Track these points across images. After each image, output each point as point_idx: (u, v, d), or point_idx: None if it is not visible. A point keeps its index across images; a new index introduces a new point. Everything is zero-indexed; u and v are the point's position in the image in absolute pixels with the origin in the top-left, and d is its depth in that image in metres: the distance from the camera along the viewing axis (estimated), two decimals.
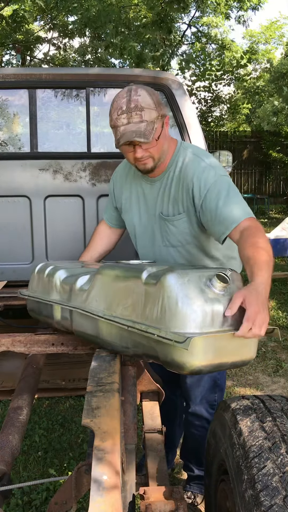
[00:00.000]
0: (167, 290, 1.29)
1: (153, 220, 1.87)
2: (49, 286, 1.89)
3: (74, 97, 2.76)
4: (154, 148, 1.69)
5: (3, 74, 2.60)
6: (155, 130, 1.64)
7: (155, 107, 1.64)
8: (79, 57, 12.95)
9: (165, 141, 1.73)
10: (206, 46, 13.51)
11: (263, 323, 1.27)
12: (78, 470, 1.23)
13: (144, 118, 1.62)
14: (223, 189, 1.65)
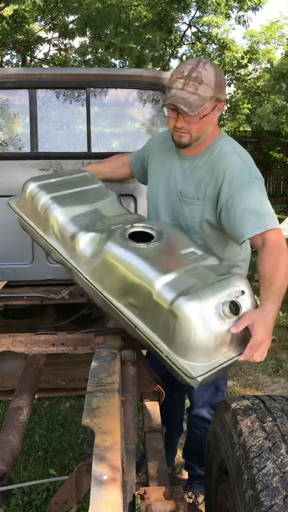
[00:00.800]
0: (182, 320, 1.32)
1: (169, 197, 1.83)
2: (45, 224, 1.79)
3: (74, 97, 2.76)
4: (195, 125, 1.64)
5: (4, 74, 2.60)
6: (203, 108, 1.59)
7: (213, 87, 1.59)
8: (79, 57, 12.94)
9: (209, 125, 1.68)
10: (206, 46, 13.50)
11: (264, 352, 1.33)
12: (78, 470, 1.23)
13: (198, 91, 1.57)
14: (255, 192, 1.62)
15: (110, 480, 0.94)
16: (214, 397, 2.01)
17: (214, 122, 1.71)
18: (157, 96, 2.71)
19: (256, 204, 1.60)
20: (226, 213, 1.65)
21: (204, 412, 2.03)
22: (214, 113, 1.67)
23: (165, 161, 1.88)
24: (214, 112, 1.67)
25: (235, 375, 3.54)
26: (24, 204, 1.92)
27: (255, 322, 1.34)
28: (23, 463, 2.50)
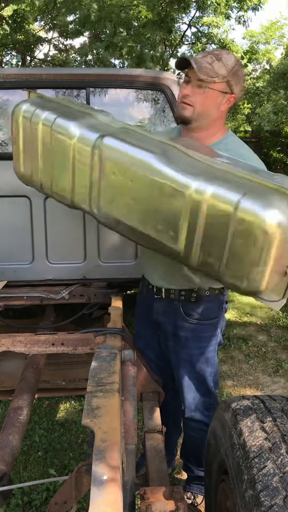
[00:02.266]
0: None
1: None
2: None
3: (74, 97, 2.76)
4: (200, 96, 1.66)
5: (4, 74, 2.60)
6: (212, 80, 1.62)
7: (229, 69, 1.64)
8: (79, 57, 12.95)
9: (213, 105, 1.69)
10: (206, 46, 13.50)
11: None
12: (78, 470, 1.23)
13: (214, 65, 1.62)
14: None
15: (110, 480, 0.94)
16: (206, 398, 2.01)
17: (221, 110, 1.72)
18: (157, 96, 2.71)
19: None
20: None
21: (198, 414, 2.02)
22: (222, 98, 1.69)
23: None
24: (222, 97, 1.68)
25: (235, 375, 3.54)
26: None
27: None
28: (23, 463, 2.50)
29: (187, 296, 1.84)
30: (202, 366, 1.94)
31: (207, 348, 1.92)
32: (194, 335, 1.89)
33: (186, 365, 1.95)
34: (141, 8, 10.05)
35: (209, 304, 1.85)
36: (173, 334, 1.92)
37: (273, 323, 4.58)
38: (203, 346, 1.91)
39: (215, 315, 1.89)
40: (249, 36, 15.49)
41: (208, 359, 1.94)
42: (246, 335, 4.26)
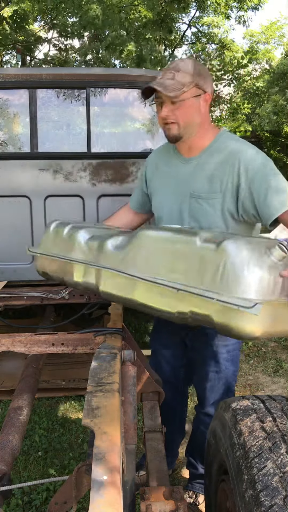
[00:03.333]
0: (231, 256, 1.31)
1: (183, 200, 1.82)
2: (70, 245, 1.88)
3: (74, 97, 2.76)
4: (178, 111, 1.68)
5: (4, 74, 2.60)
6: (181, 92, 1.64)
7: (192, 73, 1.65)
8: (79, 57, 12.95)
9: (194, 112, 1.70)
10: (206, 46, 13.51)
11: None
12: (78, 470, 1.23)
13: (176, 78, 1.64)
14: (272, 173, 1.64)
15: (110, 480, 0.94)
16: (225, 395, 2.01)
17: (202, 112, 1.73)
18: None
19: (277, 183, 1.62)
20: (249, 199, 1.67)
21: (213, 410, 2.02)
22: (199, 102, 1.70)
23: (168, 172, 1.89)
24: (198, 101, 1.69)
25: None
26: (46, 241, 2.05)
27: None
28: (23, 463, 2.50)
29: None
30: (227, 364, 1.95)
31: (233, 346, 1.93)
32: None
33: (210, 363, 1.95)
34: (141, 8, 10.05)
35: None
36: (202, 332, 1.92)
37: None
38: (229, 345, 1.92)
39: None
40: (249, 36, 15.49)
41: (233, 357, 1.95)
42: None
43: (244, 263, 1.31)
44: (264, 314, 1.27)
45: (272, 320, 1.32)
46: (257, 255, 1.33)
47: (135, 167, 2.68)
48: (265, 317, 1.29)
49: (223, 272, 1.32)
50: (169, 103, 1.67)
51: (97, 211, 2.71)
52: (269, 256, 1.34)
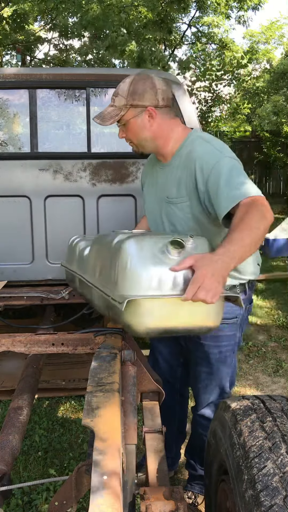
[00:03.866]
0: (121, 254, 1.34)
1: (161, 205, 1.85)
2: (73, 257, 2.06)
3: (74, 97, 2.76)
4: (127, 132, 1.76)
5: (3, 74, 2.60)
6: (118, 116, 1.71)
7: (126, 95, 1.69)
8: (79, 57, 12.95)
9: (142, 130, 1.73)
10: (206, 46, 13.50)
11: (211, 289, 1.26)
12: (78, 470, 1.23)
13: (115, 103, 1.72)
14: (225, 169, 1.60)
15: (110, 480, 0.94)
16: (220, 397, 2.02)
17: (152, 126, 1.73)
18: None
19: (228, 180, 1.57)
20: (207, 198, 1.65)
21: (209, 412, 2.03)
22: (141, 119, 1.71)
23: (151, 177, 1.96)
24: (141, 118, 1.71)
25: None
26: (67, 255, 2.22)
27: (197, 260, 1.30)
28: (23, 463, 2.50)
29: None
30: (219, 366, 1.95)
31: (226, 348, 1.93)
32: (212, 334, 1.89)
33: (202, 363, 1.96)
34: (141, 8, 10.06)
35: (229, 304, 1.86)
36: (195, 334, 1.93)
37: (273, 323, 4.58)
38: (222, 345, 1.92)
39: (235, 314, 1.89)
40: (249, 36, 15.49)
41: (226, 358, 1.95)
42: (246, 335, 4.26)
43: (129, 260, 1.31)
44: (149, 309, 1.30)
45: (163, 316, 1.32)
46: (146, 252, 1.32)
47: (135, 167, 2.68)
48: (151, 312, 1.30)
49: (116, 269, 1.36)
50: (120, 125, 1.77)
51: (97, 211, 2.71)
52: (164, 253, 1.33)
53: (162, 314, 1.32)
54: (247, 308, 1.95)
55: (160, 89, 1.71)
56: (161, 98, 1.71)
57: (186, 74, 13.57)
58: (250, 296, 1.97)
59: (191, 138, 1.77)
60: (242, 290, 1.87)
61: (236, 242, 1.37)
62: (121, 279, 1.33)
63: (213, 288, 1.27)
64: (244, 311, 1.93)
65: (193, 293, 1.26)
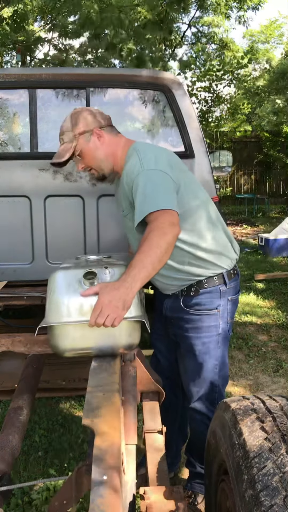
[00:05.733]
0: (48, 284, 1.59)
1: (123, 219, 1.98)
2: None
3: (74, 97, 2.76)
4: (84, 160, 1.86)
5: (3, 74, 2.60)
6: (72, 148, 1.82)
7: (71, 129, 1.82)
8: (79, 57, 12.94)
9: (95, 151, 1.85)
10: (206, 46, 13.50)
11: (109, 315, 1.45)
12: (78, 470, 1.23)
13: (65, 140, 1.84)
14: (141, 182, 1.69)
15: (110, 480, 0.94)
16: (212, 392, 2.02)
17: (103, 145, 1.85)
18: (157, 96, 2.71)
19: (142, 191, 1.67)
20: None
21: (201, 406, 2.04)
22: (91, 141, 1.84)
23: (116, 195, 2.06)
24: (91, 141, 1.84)
25: (235, 375, 3.54)
26: None
27: (101, 288, 1.49)
28: (23, 463, 2.50)
29: (188, 291, 1.93)
30: (204, 357, 1.97)
31: (208, 339, 1.95)
32: (193, 325, 1.94)
33: (188, 356, 1.99)
34: (141, 8, 10.05)
35: (208, 295, 1.91)
36: (178, 327, 1.99)
37: (273, 323, 4.58)
38: (203, 337, 1.95)
39: (214, 305, 1.93)
40: (248, 35, 15.49)
41: (209, 350, 1.96)
42: (246, 335, 4.26)
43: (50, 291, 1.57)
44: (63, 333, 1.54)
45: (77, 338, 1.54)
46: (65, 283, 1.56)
47: None
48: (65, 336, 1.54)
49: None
50: (75, 158, 1.86)
51: (97, 211, 2.71)
52: (81, 283, 1.55)
53: (76, 337, 1.54)
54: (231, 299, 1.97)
55: (97, 112, 1.87)
56: (101, 118, 1.87)
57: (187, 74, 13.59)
58: (235, 286, 1.99)
59: (129, 152, 1.86)
60: (221, 282, 1.92)
61: (136, 265, 1.52)
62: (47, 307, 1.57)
63: (112, 313, 1.46)
64: (226, 302, 1.95)
65: (94, 320, 1.46)
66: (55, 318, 1.54)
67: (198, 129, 2.59)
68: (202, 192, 1.96)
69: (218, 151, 3.73)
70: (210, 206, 1.95)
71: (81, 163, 1.87)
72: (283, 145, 13.77)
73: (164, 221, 1.59)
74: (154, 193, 1.66)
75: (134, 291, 1.50)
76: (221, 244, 1.93)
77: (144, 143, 1.94)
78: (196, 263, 1.88)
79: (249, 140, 14.63)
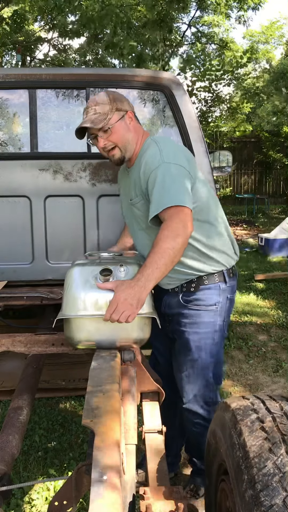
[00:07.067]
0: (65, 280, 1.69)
1: (130, 208, 1.98)
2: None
3: (74, 97, 2.75)
4: (112, 136, 1.83)
5: (3, 74, 2.59)
6: (108, 120, 1.81)
7: (108, 102, 1.83)
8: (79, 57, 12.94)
9: (126, 132, 1.86)
10: (206, 46, 13.50)
11: (123, 311, 1.55)
12: (78, 470, 1.23)
13: (98, 111, 1.82)
14: (160, 175, 1.73)
15: (110, 480, 0.94)
16: (206, 391, 2.02)
17: (131, 128, 1.89)
18: (156, 96, 2.71)
19: (158, 186, 1.72)
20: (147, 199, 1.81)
21: (196, 406, 2.03)
22: (125, 121, 1.86)
23: (122, 181, 2.10)
24: (125, 121, 1.86)
25: (235, 375, 3.54)
26: None
27: (117, 286, 1.59)
28: (23, 463, 2.50)
29: (188, 287, 1.96)
30: (200, 353, 1.97)
31: (205, 335, 1.96)
32: (191, 320, 1.96)
33: (183, 352, 1.99)
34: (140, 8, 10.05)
35: (207, 291, 1.94)
36: (176, 322, 2.00)
37: (273, 323, 4.58)
38: (201, 332, 1.96)
39: (213, 301, 1.95)
40: (248, 35, 15.49)
41: (206, 346, 1.97)
42: (246, 335, 4.26)
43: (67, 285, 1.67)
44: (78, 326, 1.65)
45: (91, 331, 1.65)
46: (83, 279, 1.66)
47: None
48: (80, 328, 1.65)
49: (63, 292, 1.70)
50: (102, 133, 1.84)
51: (97, 211, 2.71)
52: (97, 279, 1.64)
53: (90, 330, 1.65)
54: (229, 298, 2.00)
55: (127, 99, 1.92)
56: (131, 106, 1.91)
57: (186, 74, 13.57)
58: (233, 285, 2.02)
59: (147, 142, 1.89)
60: (221, 279, 1.96)
61: (150, 265, 1.61)
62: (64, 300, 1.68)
63: (126, 310, 1.56)
64: (225, 300, 1.98)
65: (109, 315, 1.57)
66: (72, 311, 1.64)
67: (198, 129, 2.59)
68: (211, 190, 2.01)
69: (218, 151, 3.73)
70: (218, 204, 2.00)
71: (107, 139, 1.85)
72: (282, 145, 13.77)
73: (178, 221, 1.65)
74: (172, 187, 1.71)
75: (148, 290, 1.61)
76: (224, 242, 1.97)
77: (162, 137, 2.00)
78: (199, 258, 1.91)
79: (248, 140, 14.62)
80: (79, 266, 1.71)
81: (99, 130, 1.82)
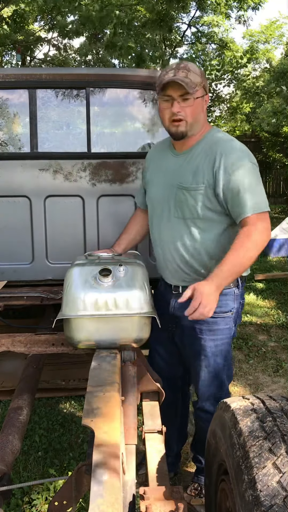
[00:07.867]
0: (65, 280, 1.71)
1: (171, 191, 1.92)
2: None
3: (74, 97, 2.75)
4: (190, 108, 1.79)
5: (3, 74, 2.59)
6: (195, 90, 1.76)
7: (200, 75, 1.80)
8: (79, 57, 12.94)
9: (201, 111, 1.84)
10: (206, 46, 13.50)
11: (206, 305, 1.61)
12: (78, 470, 1.23)
13: (189, 77, 1.75)
14: (249, 175, 1.75)
15: (110, 480, 0.94)
16: (219, 391, 2.04)
17: (204, 111, 1.88)
18: (156, 96, 2.70)
19: (250, 185, 1.74)
20: (224, 194, 1.78)
21: (208, 405, 2.05)
22: (203, 102, 1.85)
23: (160, 163, 2.03)
24: (203, 101, 1.85)
25: (235, 374, 3.54)
26: None
27: (196, 289, 1.63)
28: (23, 463, 2.50)
29: None
30: (216, 359, 1.97)
31: (221, 341, 1.96)
32: (208, 327, 1.94)
33: (200, 358, 1.98)
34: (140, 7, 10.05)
35: (223, 297, 1.88)
36: (189, 327, 1.97)
37: (273, 323, 4.58)
38: (217, 339, 1.95)
39: (229, 308, 1.93)
40: (248, 35, 15.46)
41: (222, 351, 1.98)
42: (246, 335, 4.26)
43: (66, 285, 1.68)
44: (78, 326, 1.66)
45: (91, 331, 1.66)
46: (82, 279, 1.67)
47: (135, 167, 2.67)
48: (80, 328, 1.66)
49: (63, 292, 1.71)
50: (180, 100, 1.78)
51: (97, 211, 2.70)
52: (96, 279, 1.66)
53: (90, 330, 1.66)
54: (241, 303, 2.01)
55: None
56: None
57: None
58: (243, 290, 2.04)
59: (213, 133, 1.89)
60: (235, 285, 1.95)
61: (229, 264, 1.67)
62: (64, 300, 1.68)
63: (209, 304, 1.62)
64: (239, 305, 1.98)
65: (194, 309, 1.60)
66: (72, 311, 1.65)
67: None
68: None
69: None
70: None
71: (181, 108, 1.79)
72: (282, 145, 13.76)
73: (263, 229, 1.72)
74: (261, 192, 1.76)
75: (224, 285, 1.69)
76: None
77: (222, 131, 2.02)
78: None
79: (248, 140, 14.60)
80: (79, 266, 1.72)
81: (182, 95, 1.76)
